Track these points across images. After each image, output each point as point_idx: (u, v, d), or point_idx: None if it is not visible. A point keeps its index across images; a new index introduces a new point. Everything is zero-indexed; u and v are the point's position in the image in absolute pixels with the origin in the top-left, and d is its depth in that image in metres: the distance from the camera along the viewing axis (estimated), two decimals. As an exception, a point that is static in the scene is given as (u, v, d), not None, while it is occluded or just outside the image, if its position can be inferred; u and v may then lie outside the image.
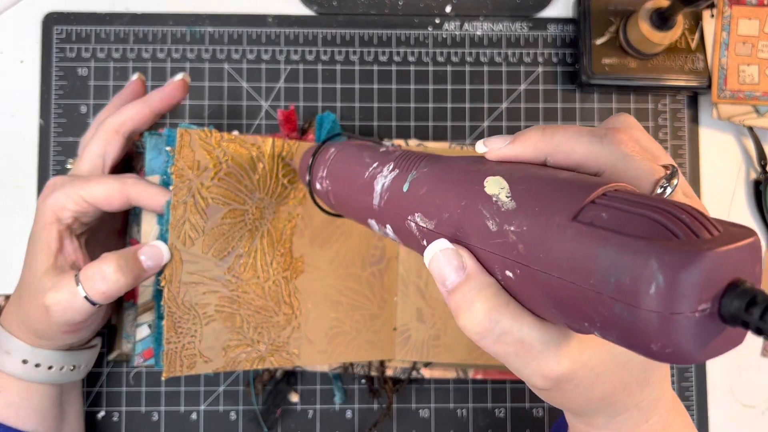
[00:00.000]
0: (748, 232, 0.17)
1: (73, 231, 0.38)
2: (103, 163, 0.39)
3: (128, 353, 0.45)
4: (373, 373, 0.45)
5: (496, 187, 0.21)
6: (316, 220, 0.42)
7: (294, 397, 0.46)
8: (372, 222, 0.30)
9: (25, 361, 0.38)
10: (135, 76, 0.43)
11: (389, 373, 0.45)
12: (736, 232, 0.17)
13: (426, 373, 0.45)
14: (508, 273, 0.20)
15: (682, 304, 0.15)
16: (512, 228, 0.20)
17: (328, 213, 0.36)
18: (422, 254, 0.24)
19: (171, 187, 0.37)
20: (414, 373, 0.45)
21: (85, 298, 0.35)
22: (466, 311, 0.21)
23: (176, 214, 0.37)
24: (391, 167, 0.28)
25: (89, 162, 0.39)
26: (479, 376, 0.45)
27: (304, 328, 0.42)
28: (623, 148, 0.21)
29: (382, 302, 0.44)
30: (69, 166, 0.47)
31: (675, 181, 0.21)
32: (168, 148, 0.37)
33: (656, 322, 0.15)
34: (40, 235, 0.37)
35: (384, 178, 0.28)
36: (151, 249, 0.36)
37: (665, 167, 0.22)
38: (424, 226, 0.25)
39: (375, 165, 0.29)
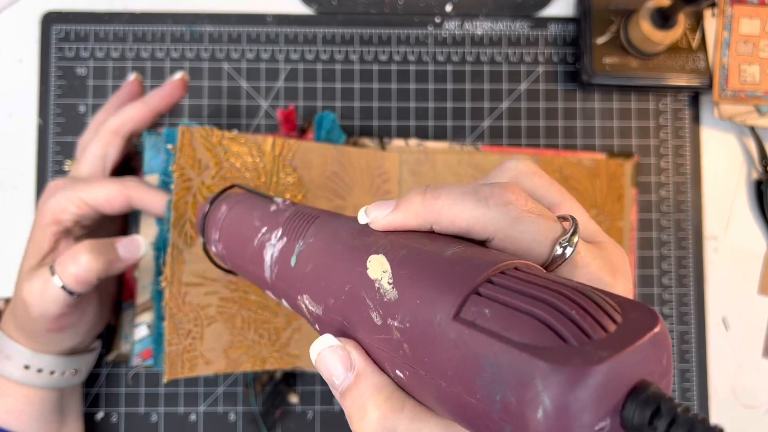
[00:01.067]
0: (650, 320, 0.15)
1: (72, 233, 0.37)
2: (104, 165, 0.39)
3: (127, 354, 0.44)
4: None
5: (378, 269, 0.19)
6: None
7: (293, 398, 0.46)
8: (270, 294, 0.27)
9: (26, 367, 0.37)
10: (132, 76, 0.43)
11: None
12: (635, 319, 0.15)
13: None
14: (399, 373, 0.18)
15: (576, 428, 0.13)
16: (396, 323, 0.18)
17: (232, 273, 0.33)
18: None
19: (172, 186, 0.36)
20: None
21: (62, 287, 0.34)
22: (359, 419, 0.19)
23: (177, 213, 0.36)
24: (279, 234, 0.26)
25: (89, 164, 0.38)
26: None
27: (305, 329, 0.41)
28: (511, 209, 0.19)
29: None
30: (67, 168, 0.47)
31: (575, 239, 0.19)
32: (169, 146, 0.37)
33: None
34: (34, 235, 0.37)
35: (273, 248, 0.26)
36: (129, 240, 0.36)
37: (563, 218, 0.20)
38: (313, 310, 0.22)
39: (264, 230, 0.27)
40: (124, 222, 0.44)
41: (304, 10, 0.49)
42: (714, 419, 0.48)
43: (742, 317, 0.49)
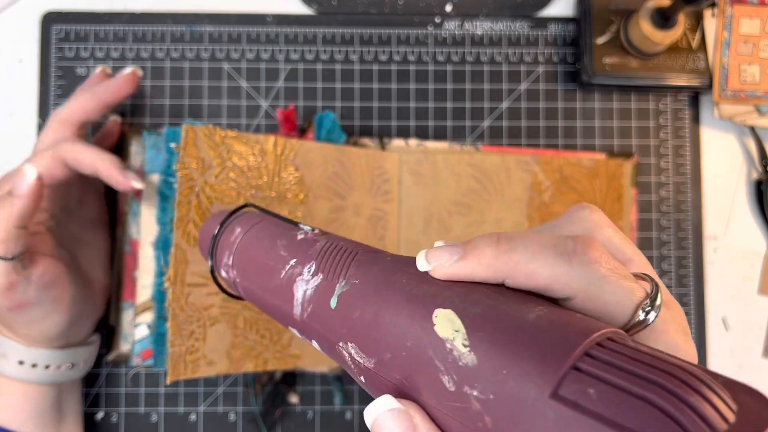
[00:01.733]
0: (765, 407, 0.14)
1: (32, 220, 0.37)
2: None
3: (127, 354, 0.44)
4: None
5: (449, 327, 0.17)
6: (318, 219, 0.42)
7: (293, 399, 0.46)
8: (294, 331, 0.25)
9: (21, 362, 0.37)
10: (98, 69, 0.43)
11: None
12: (750, 406, 0.14)
13: None
14: None
15: None
16: (475, 393, 0.16)
17: (239, 298, 0.30)
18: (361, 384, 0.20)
19: (175, 185, 0.36)
20: None
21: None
22: None
23: (181, 213, 0.36)
24: (312, 269, 0.23)
25: (39, 152, 0.38)
26: None
27: None
28: (597, 268, 0.18)
29: None
30: None
31: (658, 302, 0.18)
32: (173, 145, 0.37)
33: None
34: None
35: (306, 284, 0.23)
36: (17, 173, 0.34)
37: (642, 278, 0.19)
38: (361, 361, 0.20)
39: (293, 262, 0.24)
40: (100, 207, 0.44)
41: (304, 10, 0.49)
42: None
43: (742, 317, 0.49)
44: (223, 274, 0.29)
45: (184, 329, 0.37)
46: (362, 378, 0.21)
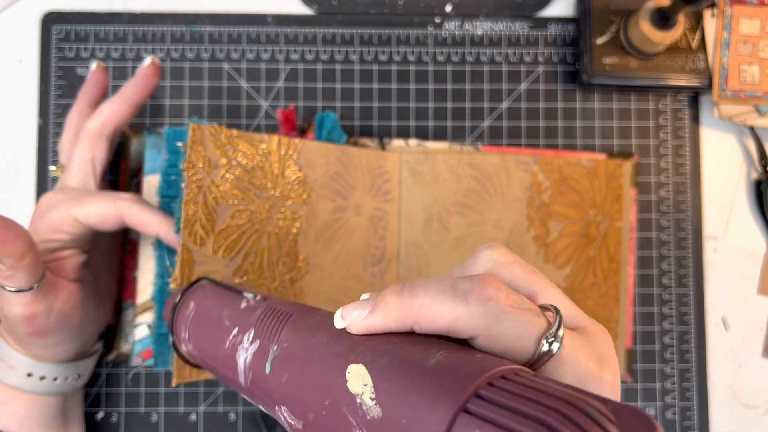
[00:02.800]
0: (647, 428, 0.14)
1: (66, 247, 0.37)
2: (93, 169, 0.38)
3: (127, 354, 0.44)
4: None
5: (359, 383, 0.18)
6: (320, 219, 0.42)
7: None
8: (245, 397, 0.26)
9: (29, 375, 0.37)
10: (94, 65, 0.41)
11: None
12: (633, 430, 0.14)
13: None
14: None
15: None
16: None
17: (201, 368, 0.31)
18: None
19: (183, 184, 0.36)
20: None
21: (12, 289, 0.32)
22: None
23: (188, 212, 0.36)
24: (251, 336, 0.24)
25: (79, 172, 0.38)
26: None
27: None
28: (492, 305, 0.18)
29: None
30: (53, 174, 0.45)
31: (560, 332, 0.19)
32: (179, 144, 0.37)
33: None
34: None
35: (246, 352, 0.24)
36: None
37: (545, 308, 0.20)
38: (293, 423, 0.21)
39: (235, 332, 0.25)
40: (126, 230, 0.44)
41: (304, 10, 0.50)
42: (713, 419, 0.48)
43: (741, 317, 0.49)
44: (183, 347, 0.29)
45: None
46: None
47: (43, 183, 0.47)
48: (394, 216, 0.45)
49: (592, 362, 0.19)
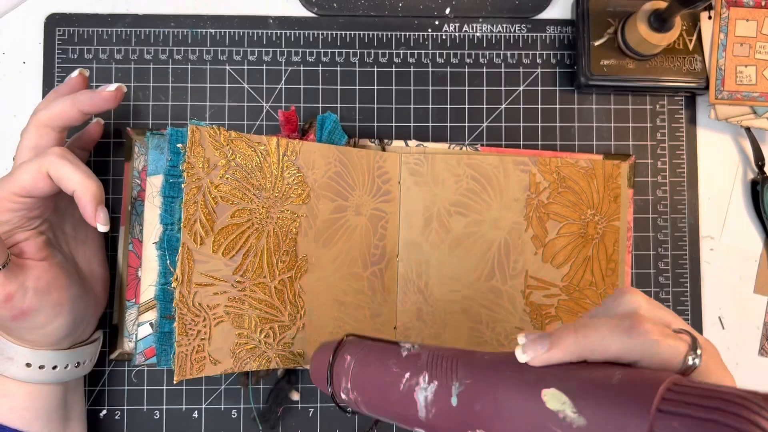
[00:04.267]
0: None
1: (18, 226, 0.37)
2: (36, 155, 0.38)
3: (130, 352, 0.45)
4: None
5: (557, 402, 0.23)
6: (320, 219, 0.43)
7: (295, 396, 0.47)
8: (419, 431, 0.30)
9: (28, 365, 0.37)
10: (75, 73, 0.42)
11: None
12: None
13: None
14: None
15: None
16: None
17: (356, 413, 0.35)
18: None
19: (183, 185, 0.37)
20: None
21: None
22: None
23: (188, 212, 0.37)
24: (426, 378, 0.29)
25: (22, 156, 0.38)
26: None
27: (309, 328, 0.42)
28: (651, 336, 0.24)
29: (382, 301, 0.44)
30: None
31: (699, 351, 0.24)
32: (179, 145, 0.38)
33: None
34: None
35: (425, 391, 0.28)
36: None
37: (679, 333, 0.25)
38: None
39: (407, 376, 0.29)
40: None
41: (305, 12, 0.50)
42: (710, 417, 0.49)
43: (738, 316, 0.50)
44: (343, 396, 0.33)
45: (190, 329, 0.37)
46: None
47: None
48: (394, 216, 0.45)
49: (721, 369, 0.26)
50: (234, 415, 0.47)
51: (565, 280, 0.46)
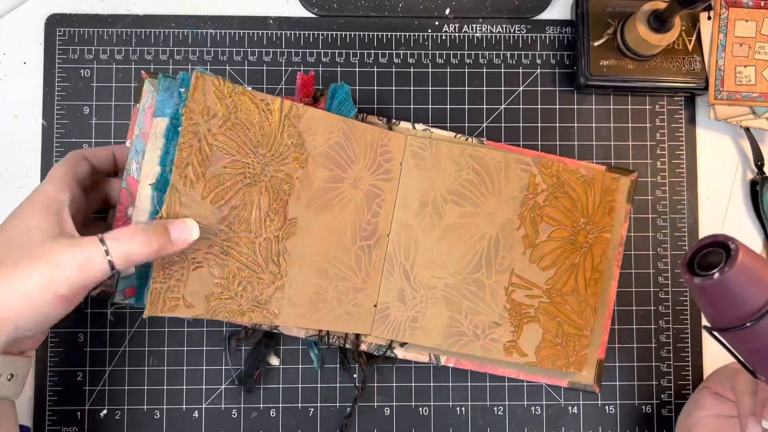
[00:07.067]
0: None
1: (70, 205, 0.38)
2: (63, 181, 0.39)
3: (110, 290, 0.42)
4: (348, 346, 0.45)
5: None
6: (315, 185, 0.43)
7: (274, 361, 0.47)
8: None
9: None
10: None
11: (363, 348, 0.45)
12: None
13: (400, 353, 0.46)
14: None
15: None
16: None
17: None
18: None
19: (180, 129, 0.37)
20: (388, 352, 0.46)
21: (108, 261, 0.33)
22: None
23: (181, 155, 0.37)
24: None
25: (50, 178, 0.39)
26: (450, 364, 0.46)
27: (288, 290, 0.42)
28: None
29: (366, 277, 0.45)
30: None
31: None
32: (182, 90, 0.38)
33: None
34: (38, 203, 0.37)
35: None
36: (181, 223, 0.36)
37: None
38: None
39: None
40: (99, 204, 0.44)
41: (306, 13, 0.50)
42: (710, 416, 0.49)
43: (737, 316, 0.50)
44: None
45: (168, 269, 0.38)
46: None
47: (48, 183, 0.48)
48: (390, 195, 0.45)
49: None
50: (234, 415, 0.47)
51: (549, 283, 0.46)
